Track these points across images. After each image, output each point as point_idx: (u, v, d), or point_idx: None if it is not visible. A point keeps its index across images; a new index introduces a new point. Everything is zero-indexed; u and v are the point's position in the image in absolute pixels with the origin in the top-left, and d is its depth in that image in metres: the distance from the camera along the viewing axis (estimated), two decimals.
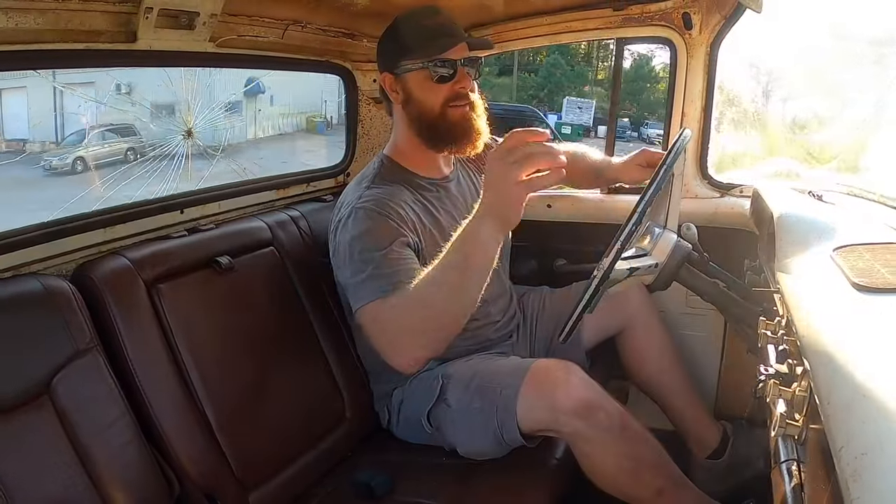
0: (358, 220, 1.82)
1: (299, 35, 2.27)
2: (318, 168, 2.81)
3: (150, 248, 1.81)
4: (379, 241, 1.78)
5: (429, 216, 1.97)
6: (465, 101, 1.95)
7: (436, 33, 1.93)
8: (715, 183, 2.57)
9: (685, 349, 2.47)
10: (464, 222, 1.54)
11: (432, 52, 1.91)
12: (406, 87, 1.98)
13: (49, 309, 1.51)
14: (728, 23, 2.39)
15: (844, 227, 1.45)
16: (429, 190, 2.03)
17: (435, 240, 1.91)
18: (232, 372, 1.83)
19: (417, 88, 1.96)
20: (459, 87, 1.94)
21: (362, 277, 1.75)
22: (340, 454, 2.03)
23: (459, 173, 2.18)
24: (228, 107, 2.24)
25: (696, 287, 1.74)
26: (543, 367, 1.78)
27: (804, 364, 0.94)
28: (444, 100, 1.94)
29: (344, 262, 1.83)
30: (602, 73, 35.88)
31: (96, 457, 1.47)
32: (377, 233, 1.79)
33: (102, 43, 1.73)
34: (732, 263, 1.95)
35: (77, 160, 9.17)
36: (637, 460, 1.74)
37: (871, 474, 0.60)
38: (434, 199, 2.02)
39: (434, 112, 1.96)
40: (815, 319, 0.98)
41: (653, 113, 31.17)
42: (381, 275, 1.72)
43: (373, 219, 1.81)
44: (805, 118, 3.60)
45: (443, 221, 1.99)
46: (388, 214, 1.84)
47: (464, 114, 1.96)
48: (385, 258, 1.75)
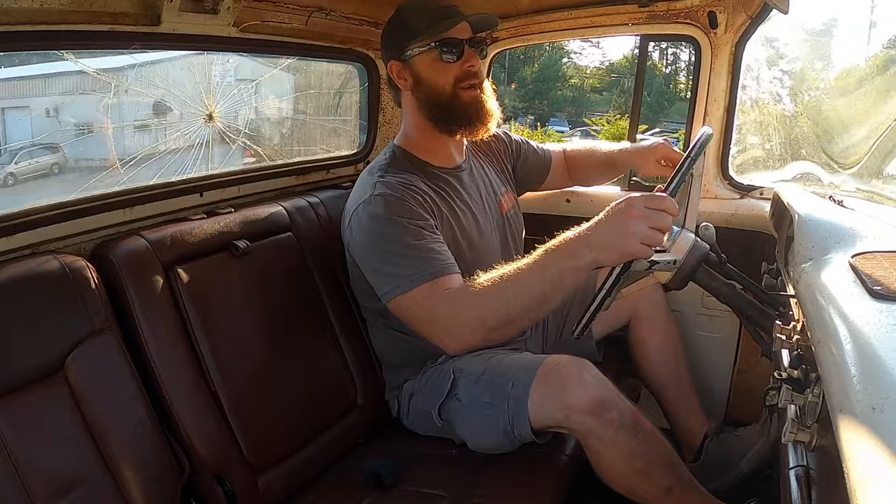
0: (380, 207, 1.81)
1: (323, 22, 2.27)
2: (339, 155, 2.81)
3: (169, 230, 1.82)
4: (408, 226, 1.79)
5: (445, 204, 1.96)
6: (474, 81, 1.95)
7: (440, 15, 1.92)
8: (735, 184, 2.56)
9: (699, 350, 2.47)
10: (567, 236, 1.59)
11: (439, 32, 1.91)
12: (414, 71, 1.97)
13: (66, 287, 1.52)
14: (754, 23, 2.36)
15: (864, 233, 1.43)
16: (442, 179, 2.02)
17: (452, 228, 1.93)
18: (246, 355, 1.84)
19: (426, 70, 1.95)
20: (468, 65, 1.94)
21: (400, 263, 1.77)
22: (351, 441, 2.04)
23: (472, 162, 2.17)
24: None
25: (713, 288, 1.73)
26: (555, 363, 1.77)
27: (818, 371, 0.93)
28: (455, 79, 1.94)
29: (369, 250, 1.84)
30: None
31: (108, 435, 1.49)
32: (405, 217, 1.80)
33: (126, 25, 1.74)
34: (750, 266, 1.94)
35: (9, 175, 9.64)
36: (648, 459, 1.73)
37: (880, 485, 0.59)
38: (448, 188, 2.01)
39: (446, 93, 1.95)
40: (830, 326, 0.97)
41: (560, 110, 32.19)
42: (424, 259, 1.76)
43: (395, 204, 1.82)
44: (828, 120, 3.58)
45: (458, 210, 1.99)
46: (408, 199, 1.84)
47: (475, 95, 1.96)
48: (421, 242, 1.78)
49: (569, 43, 24.36)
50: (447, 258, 1.80)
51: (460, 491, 1.75)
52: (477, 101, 1.97)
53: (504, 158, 2.34)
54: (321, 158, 2.69)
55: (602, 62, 27.94)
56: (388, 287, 1.80)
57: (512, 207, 2.25)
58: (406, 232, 1.79)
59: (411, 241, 1.78)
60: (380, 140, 2.80)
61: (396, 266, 1.78)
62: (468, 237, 1.99)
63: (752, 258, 2.06)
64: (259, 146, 2.55)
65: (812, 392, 1.07)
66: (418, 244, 1.78)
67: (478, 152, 2.23)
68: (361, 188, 1.92)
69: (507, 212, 2.21)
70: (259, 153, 2.50)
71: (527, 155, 2.43)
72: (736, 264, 1.76)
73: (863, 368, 0.81)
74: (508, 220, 2.21)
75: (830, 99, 4.79)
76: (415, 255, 1.77)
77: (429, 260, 1.77)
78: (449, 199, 1.99)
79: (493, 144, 2.33)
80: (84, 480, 1.44)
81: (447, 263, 1.79)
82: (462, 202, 2.02)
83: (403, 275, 1.76)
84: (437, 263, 1.77)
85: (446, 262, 1.79)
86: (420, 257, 1.77)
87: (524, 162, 2.41)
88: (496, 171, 2.27)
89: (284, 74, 2.64)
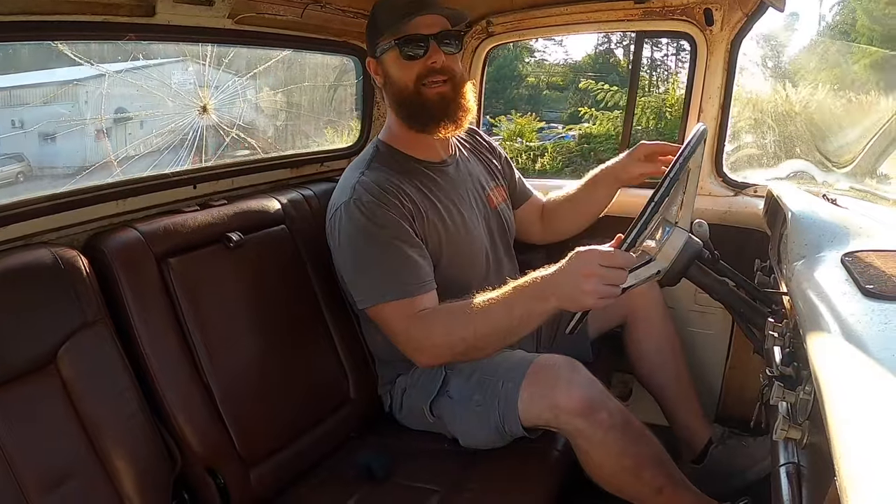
0: (358, 212, 1.82)
1: (318, 14, 2.26)
2: (333, 148, 2.80)
3: (162, 222, 1.82)
4: (386, 236, 1.80)
5: (426, 200, 1.94)
6: (438, 78, 1.91)
7: (405, 10, 1.88)
8: (729, 181, 2.56)
9: (691, 346, 2.47)
10: (535, 277, 1.63)
11: (400, 29, 1.88)
12: (384, 68, 1.97)
13: (59, 279, 1.52)
14: (750, 20, 2.36)
15: (857, 232, 1.44)
16: (426, 174, 2.00)
17: (435, 224, 1.92)
18: (238, 348, 1.84)
19: (391, 68, 1.95)
20: (431, 62, 1.89)
21: (374, 274, 1.81)
22: (343, 435, 2.04)
23: (459, 157, 2.15)
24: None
25: (706, 284, 1.73)
26: (545, 363, 1.78)
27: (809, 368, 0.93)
28: (416, 77, 1.91)
29: (347, 255, 1.86)
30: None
31: (100, 427, 1.49)
32: (383, 225, 1.81)
33: (121, 16, 1.73)
34: (743, 263, 1.95)
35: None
36: (638, 459, 1.74)
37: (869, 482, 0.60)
38: (432, 184, 1.99)
39: (408, 90, 1.93)
40: (822, 324, 0.98)
41: (516, 109, 33.18)
42: (400, 274, 1.79)
43: (374, 210, 1.82)
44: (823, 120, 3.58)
45: (440, 206, 1.97)
46: (388, 203, 1.84)
47: (440, 92, 1.92)
48: (398, 255, 1.79)
49: (534, 41, 24.24)
50: (423, 274, 1.83)
51: (452, 485, 1.76)
52: (442, 99, 1.93)
53: (494, 157, 2.32)
54: (315, 151, 2.68)
55: (564, 60, 27.89)
56: (362, 296, 1.86)
57: (503, 201, 2.23)
58: (384, 242, 1.80)
59: (388, 252, 1.80)
60: (374, 133, 2.78)
61: (371, 277, 1.82)
62: (453, 233, 1.97)
63: (745, 255, 2.06)
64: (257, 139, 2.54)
65: (804, 389, 1.07)
66: (395, 257, 1.80)
67: (465, 146, 2.22)
68: (343, 186, 1.92)
69: (497, 205, 2.19)
70: (254, 146, 2.48)
71: (509, 169, 2.38)
72: (729, 261, 1.77)
73: (854, 366, 0.81)
74: (499, 213, 2.19)
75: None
76: (391, 269, 1.80)
77: (405, 275, 1.80)
78: (432, 195, 1.97)
79: (479, 141, 2.32)
80: (76, 472, 1.43)
81: (423, 281, 1.82)
82: (446, 197, 2.01)
83: (377, 287, 1.81)
84: (413, 280, 1.80)
85: (422, 280, 1.82)
86: (396, 271, 1.80)
87: (510, 176, 2.37)
88: (484, 165, 2.25)
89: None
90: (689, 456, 2.21)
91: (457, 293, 1.82)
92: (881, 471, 0.60)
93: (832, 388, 0.80)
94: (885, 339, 0.88)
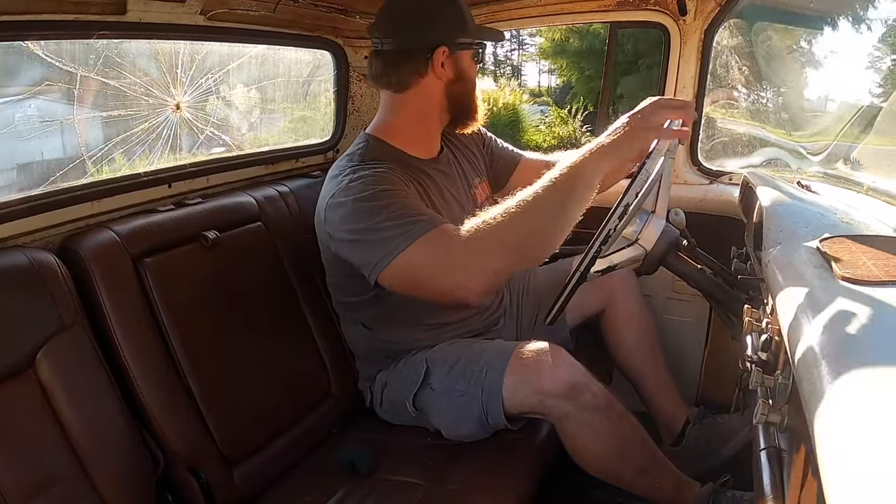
0: (362, 183, 1.71)
1: (291, 9, 2.25)
2: (308, 144, 2.79)
3: (137, 222, 1.80)
4: (396, 193, 1.71)
5: (423, 195, 1.90)
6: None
7: (470, 14, 1.97)
8: (704, 170, 2.58)
9: (670, 334, 2.49)
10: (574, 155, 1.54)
11: (483, 34, 2.01)
12: (459, 64, 1.94)
13: (34, 282, 1.50)
14: (723, 10, 2.38)
15: (832, 218, 1.45)
16: (419, 170, 1.97)
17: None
18: (217, 346, 1.83)
19: (469, 68, 1.98)
20: (478, 69, 2.03)
21: (393, 227, 1.63)
22: (325, 431, 2.04)
23: (448, 153, 2.14)
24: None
25: (683, 272, 1.74)
26: (527, 350, 1.78)
27: (787, 353, 0.94)
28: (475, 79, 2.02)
29: (353, 232, 1.70)
30: None
31: (80, 431, 1.48)
32: (390, 187, 1.72)
33: (92, 14, 1.71)
34: (719, 250, 1.96)
35: None
36: (622, 440, 1.75)
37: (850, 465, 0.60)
38: (424, 179, 1.97)
39: (472, 90, 2.01)
40: (799, 309, 0.99)
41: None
42: (422, 214, 1.66)
43: (378, 178, 1.72)
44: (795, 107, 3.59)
45: (435, 201, 1.95)
46: (385, 176, 1.75)
47: (479, 93, 2.05)
48: (413, 204, 1.70)
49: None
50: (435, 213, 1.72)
51: (436, 478, 1.76)
52: (480, 98, 2.05)
53: (477, 149, 2.29)
54: (290, 147, 2.67)
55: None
56: (380, 258, 1.65)
57: (486, 199, 2.20)
58: (391, 197, 1.68)
59: (395, 207, 1.65)
60: (349, 128, 2.78)
61: (390, 230, 1.64)
62: None
63: (721, 243, 2.07)
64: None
65: (782, 374, 1.08)
66: (403, 208, 1.66)
67: (453, 142, 2.19)
68: (338, 175, 1.82)
69: (480, 203, 2.15)
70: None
71: (493, 147, 2.34)
72: (705, 249, 1.78)
73: (831, 350, 0.82)
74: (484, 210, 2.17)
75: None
76: (410, 214, 1.64)
77: (419, 216, 1.65)
78: (425, 191, 1.94)
79: (464, 135, 2.25)
80: (58, 478, 1.42)
81: (436, 216, 1.68)
82: (438, 193, 1.99)
83: (395, 239, 1.63)
84: (428, 217, 1.65)
85: (437, 215, 1.70)
86: (418, 213, 1.66)
87: (492, 155, 2.34)
88: (468, 161, 2.23)
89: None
90: (669, 440, 2.23)
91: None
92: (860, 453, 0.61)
93: (809, 372, 0.80)
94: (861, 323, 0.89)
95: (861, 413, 0.67)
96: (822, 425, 0.69)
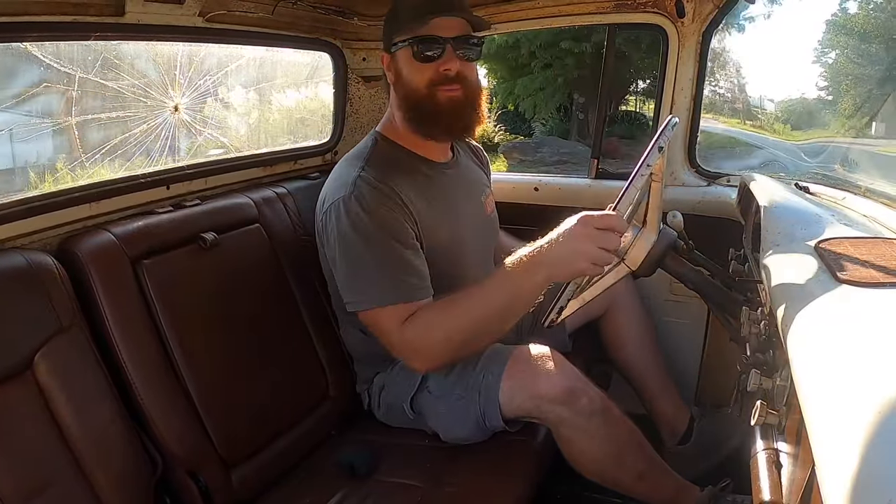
0: (358, 211, 1.75)
1: (289, 11, 2.25)
2: (307, 145, 2.79)
3: (136, 224, 1.80)
4: (385, 237, 1.75)
5: (423, 200, 1.88)
6: (453, 85, 1.84)
7: (427, 7, 1.80)
8: (702, 171, 2.58)
9: (668, 336, 2.49)
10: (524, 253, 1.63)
11: (417, 27, 1.80)
12: (397, 65, 1.88)
13: (32, 284, 1.50)
14: (721, 12, 2.38)
15: (830, 220, 1.46)
16: (426, 174, 1.95)
17: (428, 226, 1.87)
18: (216, 349, 1.82)
19: (404, 67, 1.86)
20: (444, 68, 1.82)
21: (372, 277, 1.75)
22: (324, 433, 2.04)
23: (459, 159, 2.11)
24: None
25: (681, 274, 1.74)
26: (525, 353, 1.78)
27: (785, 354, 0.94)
28: (429, 81, 1.83)
29: (343, 255, 1.79)
30: None
31: (78, 434, 1.47)
32: (382, 227, 1.75)
33: (90, 16, 1.71)
34: (717, 252, 1.96)
35: None
36: (619, 445, 1.75)
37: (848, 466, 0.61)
38: (431, 184, 1.94)
39: (419, 94, 1.85)
40: (797, 311, 0.99)
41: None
42: (396, 280, 1.74)
43: (374, 209, 1.75)
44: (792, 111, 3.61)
45: (438, 208, 1.92)
46: (388, 203, 1.78)
47: (452, 97, 1.84)
48: (396, 258, 1.75)
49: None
50: (422, 278, 1.79)
51: (434, 480, 1.76)
52: (455, 105, 1.85)
53: (484, 168, 2.29)
54: (288, 149, 2.67)
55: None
56: (357, 298, 1.79)
57: (493, 210, 2.20)
58: (384, 243, 1.75)
59: (388, 254, 1.75)
60: (347, 130, 2.78)
61: (367, 280, 1.76)
62: (447, 236, 1.93)
63: (719, 245, 2.07)
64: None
65: (780, 376, 1.08)
66: (395, 260, 1.75)
67: (464, 151, 2.17)
68: (341, 180, 1.84)
69: (490, 213, 2.17)
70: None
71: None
72: (703, 251, 1.78)
73: (829, 353, 0.82)
74: (492, 221, 2.19)
75: None
76: (390, 272, 1.75)
77: (404, 280, 1.75)
78: (431, 196, 1.91)
79: (477, 155, 2.28)
80: (56, 480, 1.42)
81: (421, 286, 1.78)
82: (444, 199, 1.96)
83: (373, 291, 1.76)
84: (411, 285, 1.76)
85: (420, 285, 1.78)
86: (395, 275, 1.75)
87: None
88: (477, 174, 2.21)
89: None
90: (671, 440, 2.23)
91: (442, 294, 1.81)
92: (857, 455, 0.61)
93: (808, 374, 0.81)
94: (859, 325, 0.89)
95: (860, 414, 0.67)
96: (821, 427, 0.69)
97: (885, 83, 12.23)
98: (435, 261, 1.87)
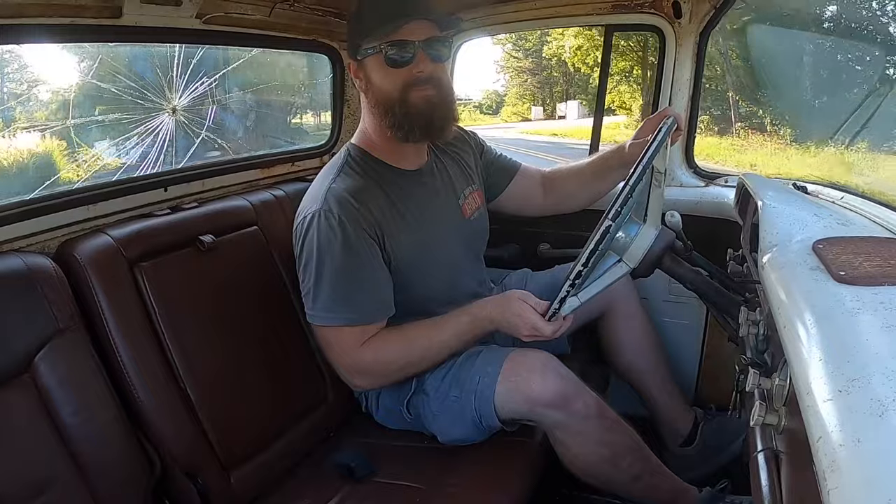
0: (325, 227, 1.77)
1: (287, 13, 2.25)
2: (304, 148, 2.79)
3: (134, 226, 1.80)
4: (349, 258, 1.78)
5: (395, 211, 1.88)
6: (426, 86, 1.82)
7: (393, 11, 1.76)
8: (700, 172, 2.58)
9: (666, 337, 2.49)
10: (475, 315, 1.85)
11: (386, 33, 1.77)
12: (366, 72, 1.86)
13: (31, 287, 1.50)
14: (718, 12, 2.38)
15: (828, 219, 1.45)
16: (398, 184, 1.93)
17: (399, 237, 1.87)
18: (214, 351, 1.82)
19: (375, 74, 1.84)
20: (417, 71, 1.80)
21: (332, 294, 1.80)
22: (322, 435, 2.04)
23: (434, 164, 2.07)
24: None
25: (679, 275, 1.74)
26: (519, 358, 1.78)
27: (784, 355, 0.94)
28: (403, 85, 1.81)
29: (308, 267, 1.82)
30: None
31: (77, 436, 1.47)
32: (346, 245, 1.77)
33: (87, 18, 1.71)
34: (715, 253, 1.96)
35: None
36: (614, 448, 1.75)
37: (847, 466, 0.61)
38: (403, 194, 1.92)
39: (392, 99, 1.82)
40: (796, 311, 0.99)
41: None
42: (352, 302, 1.80)
43: (341, 227, 1.77)
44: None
45: (409, 217, 1.91)
46: (355, 218, 1.78)
47: (427, 96, 1.82)
48: (356, 279, 1.79)
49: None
50: (381, 300, 1.85)
51: (433, 481, 1.76)
52: (429, 105, 1.83)
53: (468, 156, 2.21)
54: (286, 151, 2.67)
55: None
56: (316, 312, 1.85)
57: (476, 209, 2.14)
58: (348, 261, 1.78)
59: (351, 273, 1.79)
60: (344, 132, 2.78)
61: (329, 296, 1.80)
62: (418, 246, 1.91)
63: (717, 245, 2.07)
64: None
65: (779, 376, 1.08)
66: (357, 280, 1.80)
67: (440, 152, 2.12)
68: (313, 193, 1.87)
69: (469, 215, 2.10)
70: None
71: (488, 156, 2.29)
72: (701, 251, 1.78)
73: (828, 352, 0.82)
74: (472, 223, 2.11)
75: None
76: (350, 292, 1.80)
77: (364, 301, 1.81)
78: (403, 206, 1.90)
79: (457, 142, 2.19)
80: (55, 482, 1.42)
81: (378, 309, 1.85)
82: (417, 208, 1.94)
83: (333, 308, 1.81)
84: (370, 307, 1.83)
85: (378, 307, 1.84)
86: (355, 296, 1.80)
87: (487, 164, 2.28)
88: (460, 170, 2.15)
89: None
90: (674, 441, 2.23)
91: (416, 304, 1.88)
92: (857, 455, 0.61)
93: (806, 374, 0.80)
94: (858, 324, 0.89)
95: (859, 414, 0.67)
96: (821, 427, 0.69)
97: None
98: (405, 272, 1.89)
